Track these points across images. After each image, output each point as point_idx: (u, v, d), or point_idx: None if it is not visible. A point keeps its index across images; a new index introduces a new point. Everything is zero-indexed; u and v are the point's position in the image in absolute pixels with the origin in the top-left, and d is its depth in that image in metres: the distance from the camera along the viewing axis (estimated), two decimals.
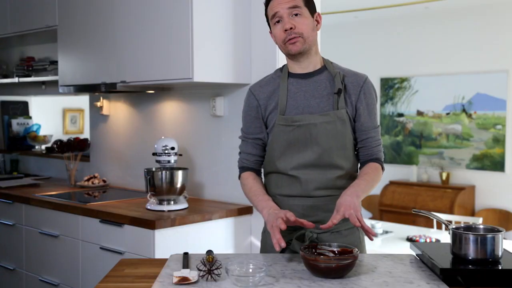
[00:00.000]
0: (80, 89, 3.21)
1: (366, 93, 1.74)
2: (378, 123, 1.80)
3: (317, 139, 1.68)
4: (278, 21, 1.70)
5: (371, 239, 1.52)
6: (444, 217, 4.34)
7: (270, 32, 1.77)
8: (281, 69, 1.81)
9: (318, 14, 1.75)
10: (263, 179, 1.84)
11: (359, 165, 1.79)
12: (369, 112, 1.74)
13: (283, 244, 1.51)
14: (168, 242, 2.49)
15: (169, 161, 2.81)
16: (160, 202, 2.71)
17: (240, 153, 1.85)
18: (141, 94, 3.33)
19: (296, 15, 1.68)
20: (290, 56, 1.73)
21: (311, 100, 1.71)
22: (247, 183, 1.80)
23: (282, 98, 1.72)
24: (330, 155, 1.68)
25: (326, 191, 1.70)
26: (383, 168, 1.76)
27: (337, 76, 1.72)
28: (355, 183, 1.67)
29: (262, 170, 1.84)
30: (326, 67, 1.76)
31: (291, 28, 1.67)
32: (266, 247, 1.80)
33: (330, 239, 1.70)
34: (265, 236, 1.82)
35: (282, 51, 1.76)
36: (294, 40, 1.68)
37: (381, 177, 1.75)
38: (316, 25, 1.73)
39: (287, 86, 1.74)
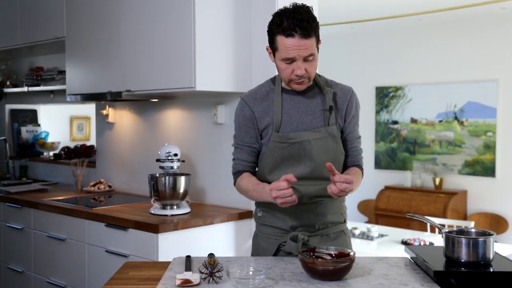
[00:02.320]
0: (87, 97, 3.22)
1: (353, 105, 1.80)
2: (359, 134, 1.86)
3: (310, 155, 1.71)
4: (289, 62, 1.66)
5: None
6: (437, 221, 4.37)
7: (268, 49, 1.73)
8: (273, 80, 1.81)
9: (320, 41, 1.72)
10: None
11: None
12: (354, 124, 1.81)
13: (294, 179, 1.54)
14: (171, 245, 2.50)
15: (172, 167, 2.82)
16: (164, 207, 2.72)
17: (234, 159, 1.84)
18: (145, 103, 3.35)
19: (309, 60, 1.66)
20: None
21: (304, 116, 1.74)
22: (242, 183, 1.78)
23: (277, 114, 1.73)
24: (322, 169, 1.71)
25: (317, 198, 1.76)
26: (362, 174, 1.85)
27: (328, 93, 1.75)
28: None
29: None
30: (316, 83, 1.78)
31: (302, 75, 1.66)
32: (258, 250, 1.83)
33: (320, 242, 1.76)
34: (257, 240, 1.85)
35: (282, 80, 1.74)
36: (301, 81, 1.69)
37: (361, 182, 1.83)
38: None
39: (281, 102, 1.75)
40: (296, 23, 1.60)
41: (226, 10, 2.74)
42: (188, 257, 1.69)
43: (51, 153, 4.29)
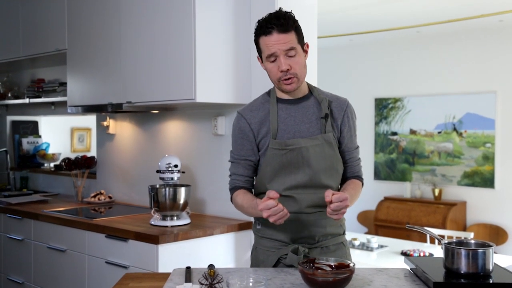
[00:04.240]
0: (87, 109, 3.25)
1: (349, 116, 1.82)
2: (357, 144, 1.88)
3: (308, 162, 1.73)
4: (273, 60, 1.70)
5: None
6: (436, 232, 4.36)
7: (258, 58, 1.78)
8: (268, 93, 1.83)
9: (307, 44, 1.77)
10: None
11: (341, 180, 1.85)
12: (351, 134, 1.83)
13: (277, 195, 1.55)
14: (171, 256, 2.51)
15: (172, 178, 2.85)
16: (164, 218, 2.74)
17: (230, 175, 1.84)
18: (145, 114, 3.37)
19: (291, 55, 1.69)
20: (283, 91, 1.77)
21: (301, 125, 1.76)
22: (238, 199, 1.79)
23: (273, 123, 1.75)
24: (320, 176, 1.74)
25: (317, 208, 1.76)
26: (362, 184, 1.87)
27: (324, 101, 1.77)
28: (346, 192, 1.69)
29: (253, 191, 1.85)
30: (312, 92, 1.81)
31: (287, 70, 1.69)
32: (258, 263, 1.83)
33: (320, 254, 1.76)
34: (256, 253, 1.85)
35: (274, 85, 1.77)
36: (290, 81, 1.71)
37: (360, 192, 1.85)
38: (305, 55, 1.76)
39: (277, 111, 1.77)
40: (273, 21, 1.68)
41: (226, 22, 2.78)
42: (188, 268, 1.70)
43: (52, 164, 4.32)
